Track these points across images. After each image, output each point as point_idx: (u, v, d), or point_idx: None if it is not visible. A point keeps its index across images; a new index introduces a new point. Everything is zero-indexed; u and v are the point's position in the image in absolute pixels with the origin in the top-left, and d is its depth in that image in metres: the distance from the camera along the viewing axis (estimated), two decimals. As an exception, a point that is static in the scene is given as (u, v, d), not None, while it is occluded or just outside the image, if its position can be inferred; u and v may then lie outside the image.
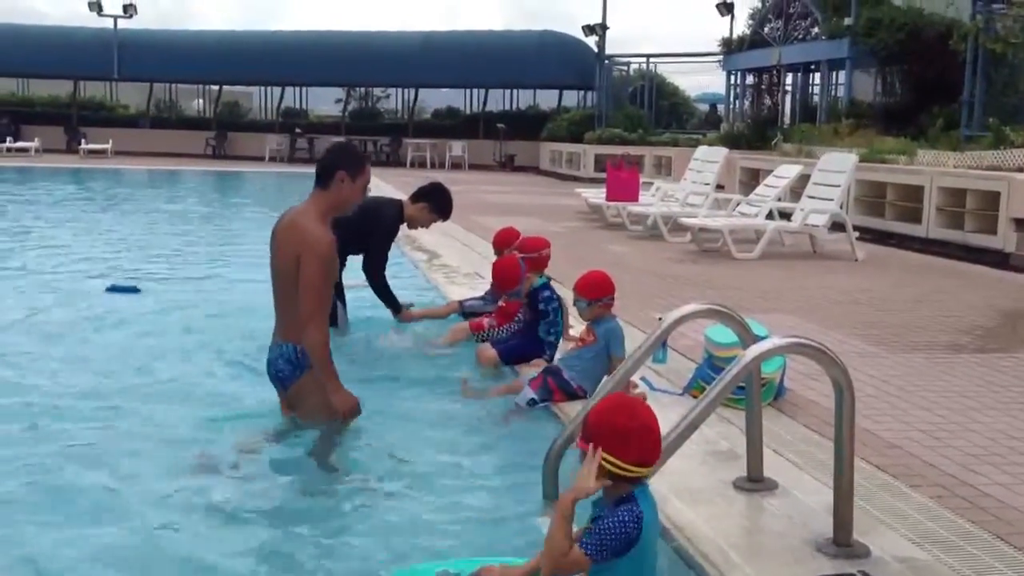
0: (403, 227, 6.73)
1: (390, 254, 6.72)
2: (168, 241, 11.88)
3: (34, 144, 29.37)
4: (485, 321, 6.10)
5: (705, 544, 3.12)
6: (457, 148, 30.76)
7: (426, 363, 5.77)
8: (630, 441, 2.52)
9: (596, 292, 4.82)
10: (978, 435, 4.30)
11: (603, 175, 16.05)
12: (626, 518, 2.50)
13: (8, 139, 29.63)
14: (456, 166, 29.95)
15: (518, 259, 5.78)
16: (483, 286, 7.36)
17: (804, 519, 3.29)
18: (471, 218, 12.88)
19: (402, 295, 6.84)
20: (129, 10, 32.64)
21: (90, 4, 32.42)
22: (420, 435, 4.45)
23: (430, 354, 5.93)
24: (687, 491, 3.52)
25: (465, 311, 6.71)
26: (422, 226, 6.74)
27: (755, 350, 3.00)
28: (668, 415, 4.36)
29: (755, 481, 3.57)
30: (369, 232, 6.45)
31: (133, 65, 32.59)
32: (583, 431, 2.61)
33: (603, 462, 2.51)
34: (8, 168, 24.68)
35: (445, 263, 9.28)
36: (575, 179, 24.58)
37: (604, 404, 2.66)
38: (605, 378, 4.29)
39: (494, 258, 6.34)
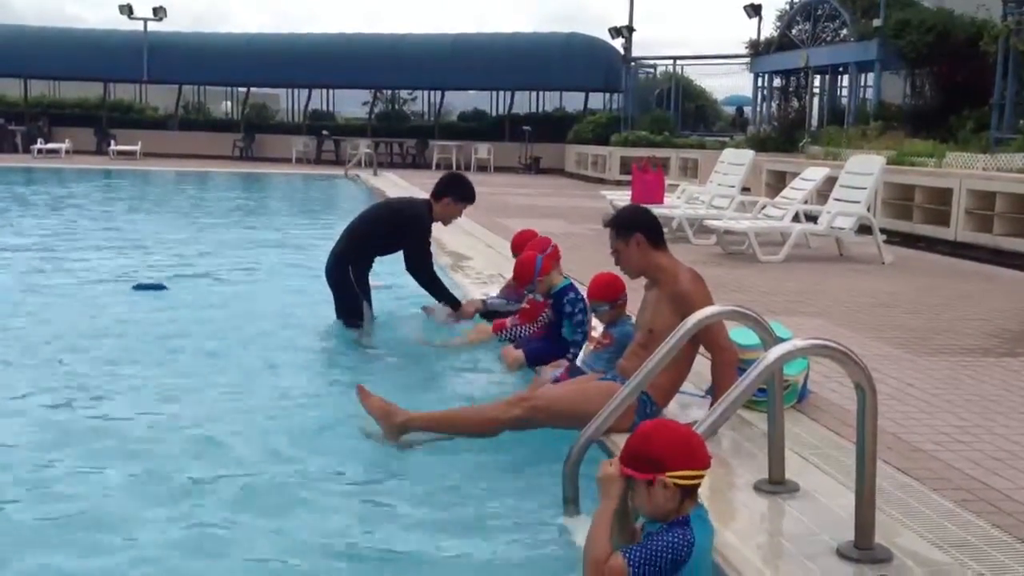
0: (437, 226, 6.75)
1: None
2: (196, 240, 11.98)
3: (65, 146, 29.71)
4: (508, 321, 6.11)
5: (725, 547, 3.10)
6: (483, 150, 30.79)
7: (449, 363, 5.78)
8: (691, 444, 2.60)
9: (614, 294, 4.82)
10: (1004, 439, 4.26)
11: (629, 177, 16.02)
12: (678, 542, 2.53)
13: (40, 140, 30.01)
14: (482, 168, 29.97)
15: (535, 255, 5.80)
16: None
17: (825, 522, 3.26)
18: (496, 220, 12.90)
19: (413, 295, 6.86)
20: (159, 13, 32.95)
21: (121, 7, 32.80)
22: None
23: (452, 351, 5.96)
24: (707, 493, 3.49)
25: (488, 309, 6.73)
26: (454, 218, 6.76)
27: (777, 351, 2.99)
28: (691, 416, 4.38)
29: (776, 483, 3.55)
30: (402, 234, 6.49)
31: (162, 68, 32.90)
32: (639, 466, 2.58)
33: (679, 482, 2.55)
34: (39, 169, 25.00)
35: (470, 264, 9.29)
36: (601, 181, 24.55)
37: (646, 433, 2.64)
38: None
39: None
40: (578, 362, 5.17)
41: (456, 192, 6.60)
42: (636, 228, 4.36)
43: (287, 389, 5.21)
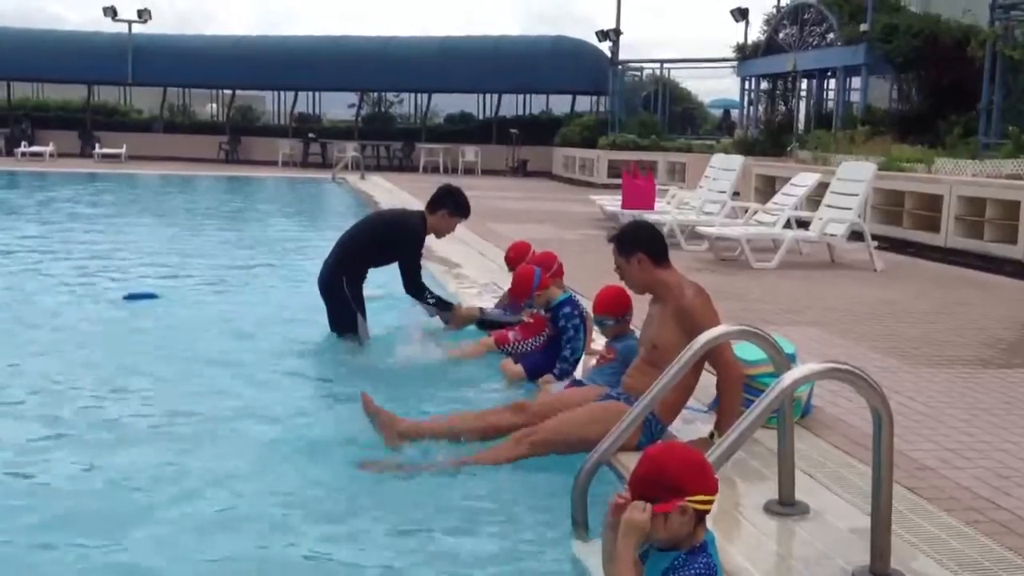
0: (430, 238, 6.72)
1: None
2: (185, 246, 11.89)
3: (49, 149, 29.48)
4: (510, 334, 6.05)
5: (737, 571, 3.07)
6: (470, 153, 30.75)
7: (449, 376, 5.73)
8: (705, 469, 2.54)
9: (621, 308, 4.79)
10: (1010, 456, 4.24)
11: (616, 180, 16.00)
12: (704, 573, 2.48)
13: (24, 143, 29.76)
14: (469, 171, 29.93)
15: (533, 269, 5.76)
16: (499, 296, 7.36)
17: (838, 546, 3.23)
18: (487, 225, 12.84)
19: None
20: (144, 15, 32.74)
21: (105, 9, 32.56)
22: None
23: (453, 364, 5.90)
24: (716, 515, 3.45)
25: (484, 318, 6.69)
26: (448, 232, 6.74)
27: (791, 376, 2.95)
28: (697, 431, 4.35)
29: (787, 505, 3.51)
30: (397, 245, 6.46)
31: (147, 70, 32.69)
32: (660, 495, 2.49)
33: (698, 507, 2.48)
34: (23, 172, 24.78)
35: (463, 273, 9.24)
36: (588, 184, 24.54)
37: (657, 459, 2.55)
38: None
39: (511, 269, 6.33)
40: (580, 377, 5.12)
41: (452, 205, 6.58)
42: (638, 247, 4.33)
43: (280, 405, 5.11)
